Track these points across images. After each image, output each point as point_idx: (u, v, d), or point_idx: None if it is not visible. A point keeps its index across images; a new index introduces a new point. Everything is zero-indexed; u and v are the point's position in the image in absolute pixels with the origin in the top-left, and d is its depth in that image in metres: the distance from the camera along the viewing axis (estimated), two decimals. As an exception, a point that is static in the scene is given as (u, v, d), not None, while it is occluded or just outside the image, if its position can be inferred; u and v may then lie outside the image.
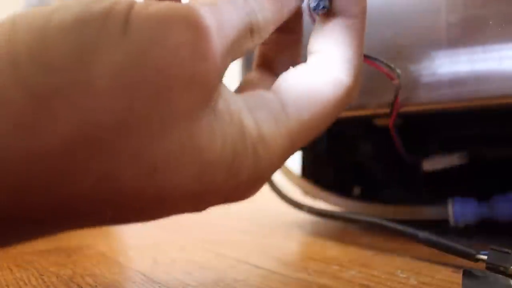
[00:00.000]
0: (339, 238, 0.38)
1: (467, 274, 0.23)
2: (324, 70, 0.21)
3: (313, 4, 0.21)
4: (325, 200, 0.44)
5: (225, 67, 0.17)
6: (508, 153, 0.38)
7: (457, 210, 0.37)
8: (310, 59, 0.22)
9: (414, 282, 0.25)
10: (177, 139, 0.15)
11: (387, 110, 0.31)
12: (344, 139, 0.44)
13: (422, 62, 0.30)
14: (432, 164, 0.37)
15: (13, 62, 0.14)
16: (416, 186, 0.43)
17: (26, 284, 0.25)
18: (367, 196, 0.45)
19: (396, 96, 0.30)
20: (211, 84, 0.16)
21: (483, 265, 0.27)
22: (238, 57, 0.19)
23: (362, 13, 0.22)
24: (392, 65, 0.29)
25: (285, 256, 0.33)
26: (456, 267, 0.28)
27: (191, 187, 0.16)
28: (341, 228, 0.42)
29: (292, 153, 0.20)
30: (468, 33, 0.29)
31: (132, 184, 0.15)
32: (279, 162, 0.19)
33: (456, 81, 0.29)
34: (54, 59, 0.14)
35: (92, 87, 0.14)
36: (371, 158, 0.45)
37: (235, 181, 0.18)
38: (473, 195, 0.37)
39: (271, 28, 0.20)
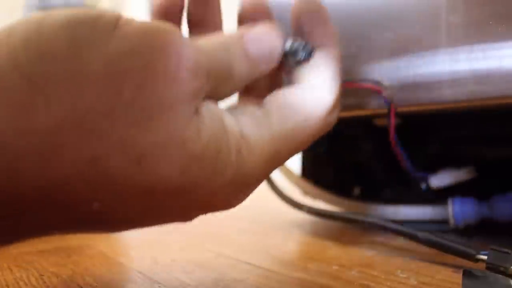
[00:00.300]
0: (339, 238, 0.38)
1: (467, 274, 0.23)
2: (309, 90, 0.22)
3: (302, 56, 0.23)
4: (325, 200, 0.44)
5: (203, 84, 0.18)
6: (508, 153, 0.38)
7: (457, 210, 0.37)
8: (297, 84, 0.23)
9: (414, 282, 0.25)
10: (161, 129, 0.16)
11: (385, 111, 0.31)
12: (344, 139, 0.44)
13: (422, 62, 0.30)
14: (440, 180, 0.37)
15: (11, 54, 0.15)
16: (416, 186, 0.43)
17: (26, 284, 0.25)
18: (367, 196, 0.45)
19: (390, 108, 0.30)
20: (192, 84, 0.17)
21: (483, 265, 0.27)
22: (216, 99, 0.20)
23: (336, 42, 0.24)
24: (377, 79, 0.29)
25: (285, 256, 0.33)
26: (456, 267, 0.28)
27: (177, 180, 0.17)
28: (341, 228, 0.42)
29: (276, 162, 0.21)
30: (468, 33, 0.29)
31: (119, 171, 0.16)
32: (264, 169, 0.20)
33: (456, 81, 0.29)
34: (49, 50, 0.15)
35: (84, 75, 0.15)
36: (371, 158, 0.45)
37: (220, 179, 0.18)
38: (473, 195, 0.37)
39: (246, 82, 0.21)
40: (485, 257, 0.27)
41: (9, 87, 0.15)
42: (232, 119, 0.19)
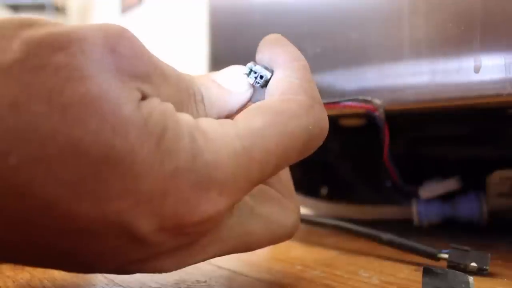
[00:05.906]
0: (304, 238, 0.38)
1: (427, 271, 0.23)
2: (281, 96, 0.21)
3: (258, 81, 0.23)
4: (293, 200, 0.44)
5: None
6: (469, 153, 0.39)
7: (421, 210, 0.38)
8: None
9: (376, 281, 0.26)
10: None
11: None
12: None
13: (388, 65, 0.31)
14: (429, 191, 0.37)
15: None
16: (382, 186, 0.43)
17: (-20, 289, 0.24)
18: (334, 196, 0.45)
19: (383, 127, 0.31)
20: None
21: (445, 263, 0.27)
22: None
23: (298, 57, 0.23)
24: (369, 98, 0.30)
25: (249, 257, 0.32)
26: (419, 265, 0.28)
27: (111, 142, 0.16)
28: (307, 229, 0.42)
29: (248, 162, 0.18)
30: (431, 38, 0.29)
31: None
32: (234, 166, 0.18)
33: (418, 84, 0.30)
34: None
35: None
36: (338, 158, 0.45)
37: (171, 163, 0.17)
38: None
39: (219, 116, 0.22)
40: (446, 256, 0.27)
41: None
42: (189, 116, 0.18)
